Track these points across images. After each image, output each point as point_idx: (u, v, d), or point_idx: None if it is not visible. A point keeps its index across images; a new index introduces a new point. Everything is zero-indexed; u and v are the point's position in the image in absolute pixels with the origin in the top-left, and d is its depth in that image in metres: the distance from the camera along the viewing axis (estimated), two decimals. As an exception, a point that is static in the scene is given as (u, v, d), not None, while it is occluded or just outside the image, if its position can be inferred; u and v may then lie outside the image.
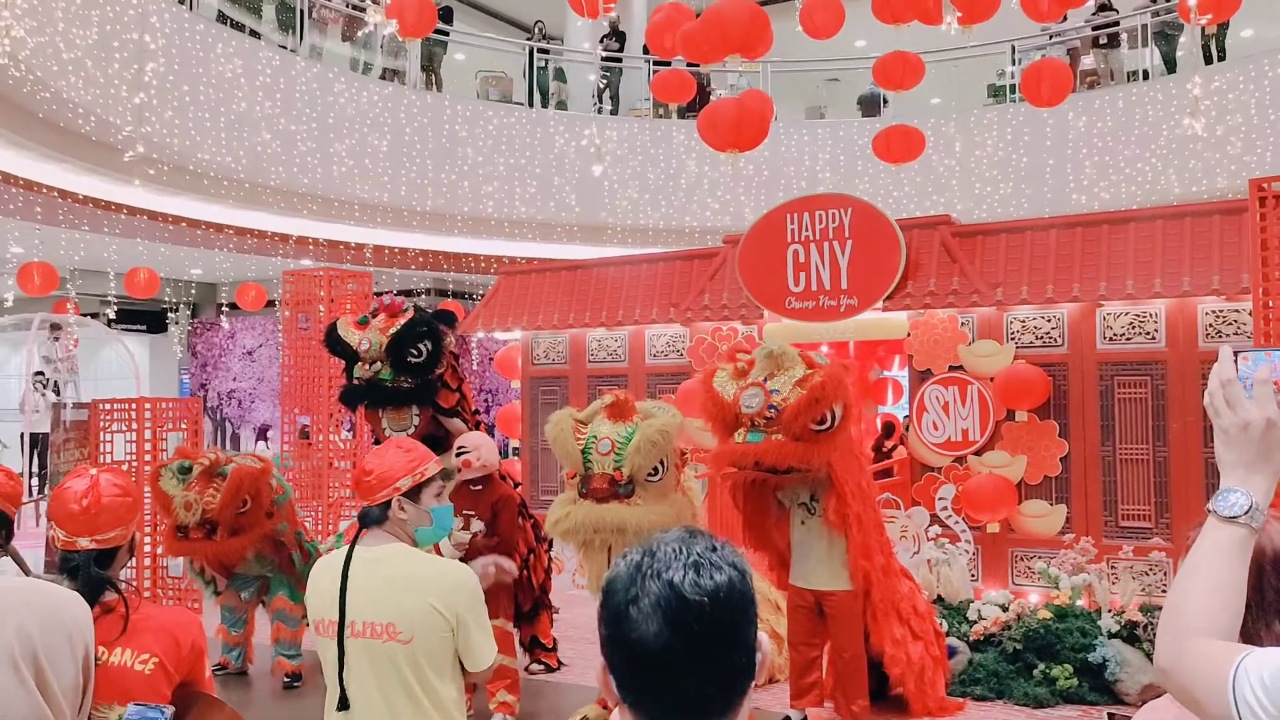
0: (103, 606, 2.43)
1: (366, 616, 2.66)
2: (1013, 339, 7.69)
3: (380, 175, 13.67)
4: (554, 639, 7.02)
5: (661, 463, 5.17)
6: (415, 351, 6.10)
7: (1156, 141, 12.82)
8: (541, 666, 6.90)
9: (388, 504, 2.80)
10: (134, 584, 2.79)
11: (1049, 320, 7.61)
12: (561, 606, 7.39)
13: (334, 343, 6.28)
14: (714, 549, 1.28)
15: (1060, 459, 7.48)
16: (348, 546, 2.79)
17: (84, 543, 2.44)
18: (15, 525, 2.81)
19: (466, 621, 2.69)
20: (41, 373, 15.07)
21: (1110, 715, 5.53)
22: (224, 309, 19.75)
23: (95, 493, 2.47)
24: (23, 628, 1.31)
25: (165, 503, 6.23)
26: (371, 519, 2.82)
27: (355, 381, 6.22)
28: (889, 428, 11.17)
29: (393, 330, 6.14)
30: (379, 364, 6.07)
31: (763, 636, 1.32)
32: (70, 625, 1.36)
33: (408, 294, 17.97)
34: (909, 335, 8.02)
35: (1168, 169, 12.78)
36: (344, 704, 2.70)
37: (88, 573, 2.42)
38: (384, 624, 2.63)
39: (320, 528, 10.22)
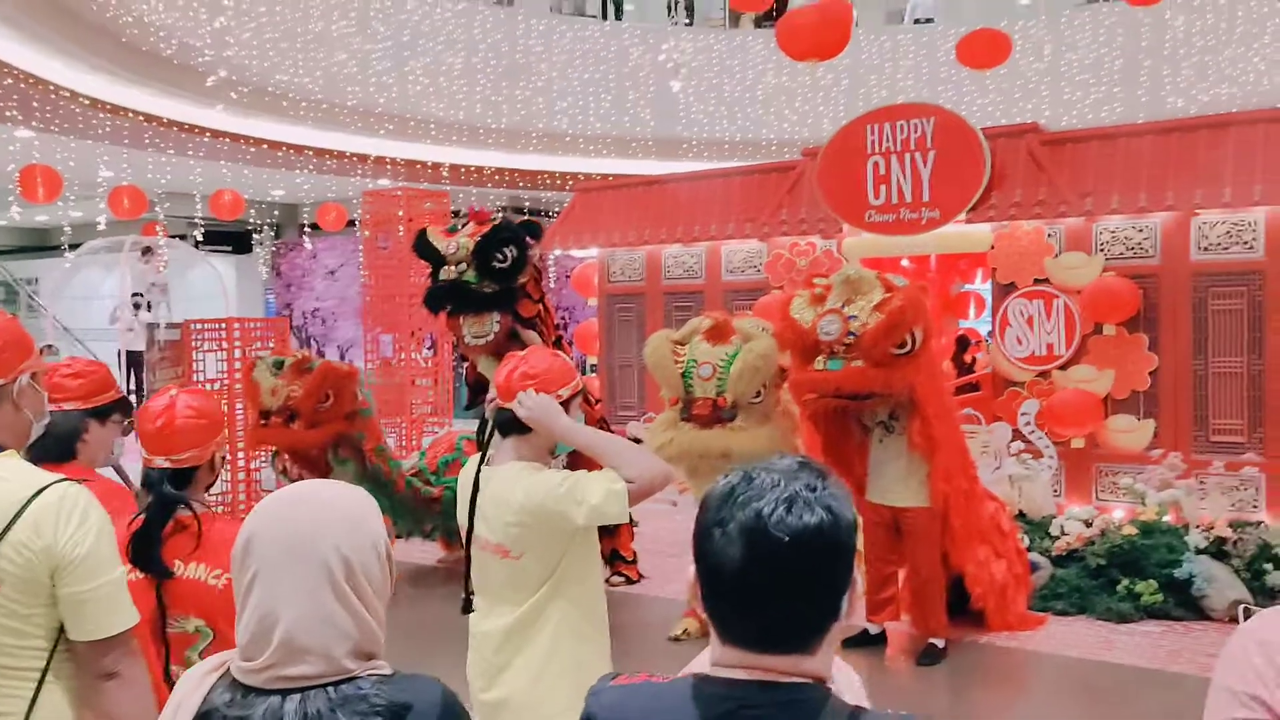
0: (176, 523, 2.46)
1: (485, 533, 2.65)
2: (1102, 250, 7.45)
3: (455, 93, 13.65)
4: (634, 552, 7.14)
5: (764, 385, 5.13)
6: (500, 256, 6.09)
7: (1260, 40, 12.16)
8: (622, 579, 7.03)
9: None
10: (211, 503, 2.84)
11: (1141, 230, 7.35)
12: (641, 520, 7.49)
13: (423, 246, 6.31)
14: (814, 488, 1.24)
15: (1149, 373, 7.28)
16: (478, 457, 2.74)
17: (160, 461, 2.49)
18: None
19: (560, 500, 2.50)
20: (140, 293, 15.53)
21: (1245, 609, 5.53)
22: (306, 229, 20.05)
23: (170, 414, 2.50)
24: (339, 548, 1.41)
25: (254, 394, 6.45)
26: (513, 427, 2.66)
27: (440, 283, 6.25)
28: (963, 341, 10.99)
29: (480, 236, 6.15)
30: (464, 265, 6.09)
31: (857, 576, 1.28)
32: (374, 531, 1.46)
33: (484, 212, 18.05)
34: (992, 248, 7.82)
35: (1272, 69, 12.15)
36: (467, 608, 2.73)
37: (160, 490, 2.46)
38: (495, 542, 2.62)
39: (403, 444, 10.47)
